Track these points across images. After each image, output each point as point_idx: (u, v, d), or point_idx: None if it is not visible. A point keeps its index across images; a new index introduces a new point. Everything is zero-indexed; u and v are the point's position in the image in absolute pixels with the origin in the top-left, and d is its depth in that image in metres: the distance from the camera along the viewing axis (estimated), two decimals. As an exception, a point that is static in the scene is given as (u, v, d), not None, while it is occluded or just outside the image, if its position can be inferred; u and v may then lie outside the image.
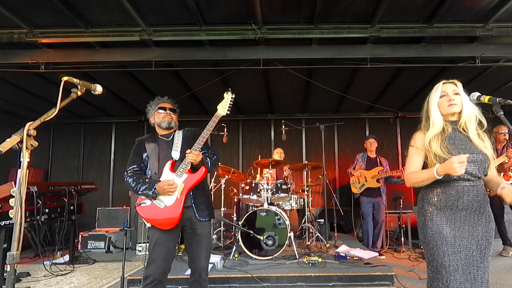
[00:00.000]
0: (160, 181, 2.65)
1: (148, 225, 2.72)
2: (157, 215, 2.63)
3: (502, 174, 5.26)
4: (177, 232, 2.76)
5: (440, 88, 2.19)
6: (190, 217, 2.70)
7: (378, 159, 6.03)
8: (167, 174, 2.71)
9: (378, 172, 5.80)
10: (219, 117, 2.85)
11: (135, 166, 2.84)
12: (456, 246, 1.98)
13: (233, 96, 2.92)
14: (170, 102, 3.04)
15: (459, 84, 2.18)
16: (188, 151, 2.67)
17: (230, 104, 2.89)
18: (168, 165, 2.74)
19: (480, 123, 2.13)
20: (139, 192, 2.67)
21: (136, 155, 2.88)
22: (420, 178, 2.11)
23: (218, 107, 2.90)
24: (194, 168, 2.73)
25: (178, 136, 2.93)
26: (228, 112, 2.89)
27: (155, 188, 2.60)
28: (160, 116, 2.93)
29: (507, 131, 5.47)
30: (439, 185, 2.09)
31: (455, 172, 1.85)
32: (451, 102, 2.11)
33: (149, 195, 2.63)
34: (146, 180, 2.68)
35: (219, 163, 3.33)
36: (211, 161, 2.84)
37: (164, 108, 2.95)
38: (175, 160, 2.77)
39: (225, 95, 2.93)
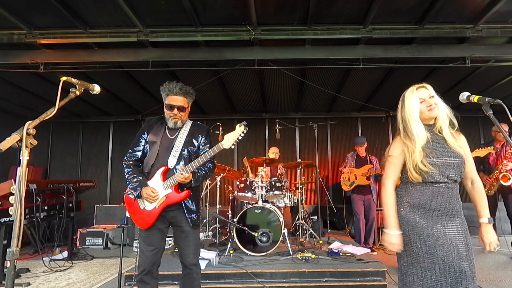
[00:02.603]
0: (148, 185, 2.67)
1: (127, 214, 2.80)
2: (135, 211, 2.72)
3: (501, 175, 5.24)
4: (163, 228, 2.77)
5: (416, 94, 2.14)
6: (175, 216, 2.72)
7: (368, 157, 6.10)
8: (156, 181, 2.70)
9: (368, 170, 5.86)
10: (221, 148, 2.65)
11: (136, 155, 2.82)
12: (430, 245, 1.98)
13: (245, 131, 2.67)
14: (182, 94, 2.76)
15: (430, 87, 2.17)
16: (181, 167, 2.62)
17: (238, 139, 2.67)
18: (160, 171, 2.70)
19: (451, 123, 2.14)
20: (128, 186, 2.71)
21: (139, 144, 2.83)
22: (384, 209, 2.16)
23: (225, 137, 2.68)
24: (181, 185, 2.69)
25: (183, 134, 2.82)
26: (233, 147, 2.68)
27: (140, 191, 2.63)
28: (167, 113, 2.80)
29: (507, 130, 5.36)
30: (416, 185, 2.10)
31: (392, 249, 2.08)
32: (431, 107, 2.09)
33: (133, 194, 2.68)
34: (135, 180, 2.68)
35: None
36: (204, 173, 2.81)
37: (172, 107, 2.75)
38: (169, 167, 2.72)
39: (237, 127, 2.66)
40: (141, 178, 2.69)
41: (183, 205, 2.72)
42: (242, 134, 2.68)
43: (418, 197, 2.08)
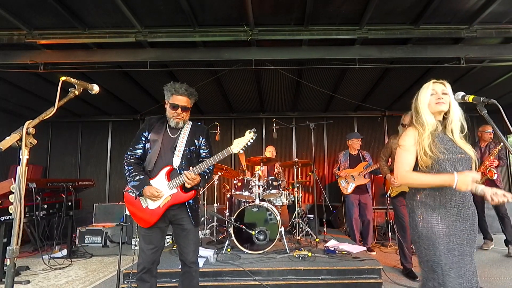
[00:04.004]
0: (150, 183, 2.66)
1: (127, 212, 2.81)
2: (137, 210, 2.71)
3: (487, 170, 5.45)
4: (163, 226, 2.78)
5: (430, 86, 2.19)
6: (177, 214, 2.74)
7: (360, 154, 6.04)
8: (160, 180, 2.70)
9: (364, 168, 5.81)
10: (230, 152, 2.73)
11: (137, 154, 2.81)
12: (450, 244, 1.99)
13: (254, 138, 2.77)
14: (187, 94, 2.80)
15: (448, 85, 2.19)
16: (187, 173, 2.64)
17: (247, 144, 2.75)
18: (165, 171, 2.71)
19: (461, 127, 2.17)
20: (129, 185, 2.70)
21: (139, 142, 2.82)
22: (428, 182, 2.06)
23: (234, 141, 2.77)
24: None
25: (185, 134, 2.84)
26: (241, 152, 2.77)
27: (142, 190, 2.62)
28: (170, 112, 2.81)
29: (492, 130, 5.65)
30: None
31: (466, 188, 1.89)
32: (439, 101, 2.13)
33: (135, 192, 2.67)
34: (137, 178, 2.66)
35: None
36: (209, 173, 2.85)
37: (175, 106, 2.77)
38: (174, 167, 2.73)
39: (247, 133, 2.76)
40: (143, 176, 2.68)
41: (187, 203, 2.74)
42: (251, 140, 2.77)
43: (438, 197, 2.07)
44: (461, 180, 1.89)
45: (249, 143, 2.76)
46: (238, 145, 2.75)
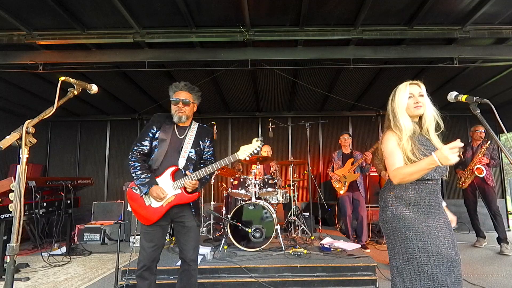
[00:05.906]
0: (157, 183, 2.68)
1: (129, 208, 2.85)
2: (139, 207, 2.73)
3: (475, 167, 5.58)
4: (164, 224, 2.79)
5: (408, 89, 2.15)
6: (179, 212, 2.77)
7: (352, 154, 6.13)
8: (165, 180, 2.72)
9: (351, 164, 5.91)
10: (237, 159, 2.76)
11: (144, 149, 2.81)
12: (425, 240, 2.00)
13: (261, 146, 2.81)
14: (187, 89, 2.85)
15: (423, 86, 2.17)
16: (188, 181, 2.69)
17: (253, 152, 2.78)
18: (170, 171, 2.73)
19: (437, 125, 2.16)
20: (136, 182, 2.70)
21: (146, 138, 2.82)
22: (418, 168, 1.88)
23: (241, 148, 2.80)
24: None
25: (191, 135, 2.86)
26: (247, 158, 2.80)
27: (148, 189, 2.64)
28: (173, 108, 2.84)
29: (483, 130, 5.73)
30: (411, 183, 2.09)
31: (449, 162, 1.75)
32: (417, 105, 2.12)
33: (141, 191, 2.67)
34: (143, 176, 2.67)
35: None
36: (208, 177, 2.89)
37: (176, 101, 2.82)
38: (179, 168, 2.76)
39: (254, 141, 2.80)
40: (149, 175, 2.69)
41: (191, 202, 2.78)
42: (258, 148, 2.79)
43: (414, 195, 2.08)
44: (439, 156, 1.77)
45: (255, 151, 2.79)
46: (245, 152, 2.79)
